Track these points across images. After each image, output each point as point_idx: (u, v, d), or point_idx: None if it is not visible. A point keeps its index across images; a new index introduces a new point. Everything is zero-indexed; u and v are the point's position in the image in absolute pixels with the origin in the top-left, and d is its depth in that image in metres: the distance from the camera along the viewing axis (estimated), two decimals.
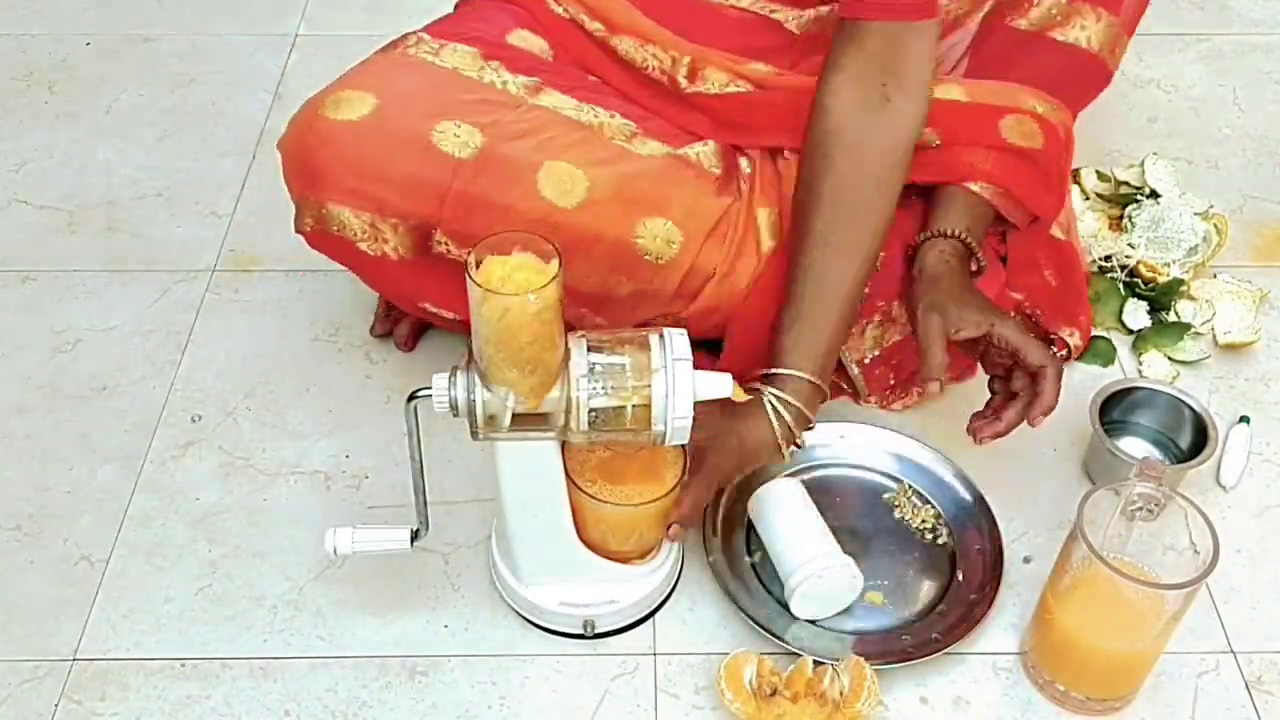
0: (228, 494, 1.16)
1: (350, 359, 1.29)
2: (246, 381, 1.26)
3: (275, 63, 1.71)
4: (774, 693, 0.96)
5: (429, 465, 1.17)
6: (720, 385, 0.90)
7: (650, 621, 1.06)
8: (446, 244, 1.06)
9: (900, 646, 1.01)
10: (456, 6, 1.27)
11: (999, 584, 1.05)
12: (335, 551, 0.97)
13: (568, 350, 0.88)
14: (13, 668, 1.03)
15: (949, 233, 1.12)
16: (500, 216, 1.05)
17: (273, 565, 1.10)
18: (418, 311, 1.19)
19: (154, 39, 1.76)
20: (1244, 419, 1.21)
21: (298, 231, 1.11)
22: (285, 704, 1.01)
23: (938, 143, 1.13)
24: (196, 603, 1.08)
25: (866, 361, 1.19)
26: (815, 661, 0.98)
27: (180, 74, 1.69)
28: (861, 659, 0.96)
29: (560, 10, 1.19)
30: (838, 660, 0.98)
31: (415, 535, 0.98)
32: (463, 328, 1.24)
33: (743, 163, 1.16)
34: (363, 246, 1.07)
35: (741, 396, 0.93)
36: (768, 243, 1.13)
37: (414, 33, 1.16)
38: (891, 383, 1.21)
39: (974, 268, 1.14)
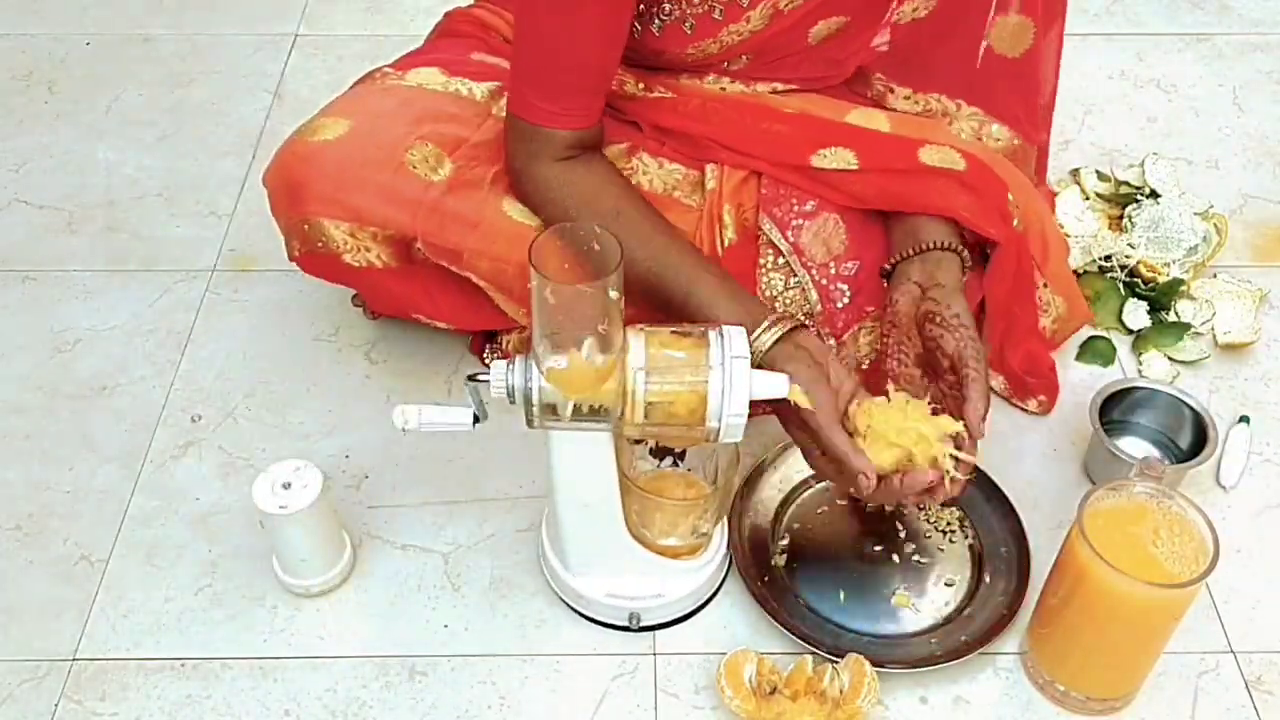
0: (228, 494, 1.16)
1: (350, 359, 1.29)
2: (246, 381, 1.26)
3: (275, 63, 1.72)
4: (774, 691, 0.96)
5: (431, 463, 1.18)
6: (777, 385, 0.90)
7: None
8: (424, 252, 1.10)
9: (930, 650, 1.01)
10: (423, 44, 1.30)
11: (1027, 585, 1.05)
12: (405, 429, 0.94)
13: (626, 343, 0.88)
14: (13, 668, 1.03)
15: (947, 245, 1.07)
16: (473, 229, 1.09)
17: (272, 565, 1.10)
18: (411, 318, 1.20)
19: (154, 39, 1.76)
20: (1244, 419, 1.21)
21: (289, 259, 1.14)
22: (285, 704, 1.01)
23: (855, 165, 1.12)
24: (196, 603, 1.08)
25: (864, 368, 1.19)
26: (815, 660, 0.98)
27: (180, 74, 1.69)
28: (861, 657, 0.97)
29: None
30: (843, 660, 0.98)
31: (476, 419, 0.94)
32: (456, 333, 1.25)
33: (708, 169, 1.17)
34: (348, 259, 1.10)
35: (800, 399, 0.93)
36: (730, 236, 1.14)
37: (379, 68, 1.21)
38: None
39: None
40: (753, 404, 0.89)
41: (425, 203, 1.08)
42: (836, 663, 0.97)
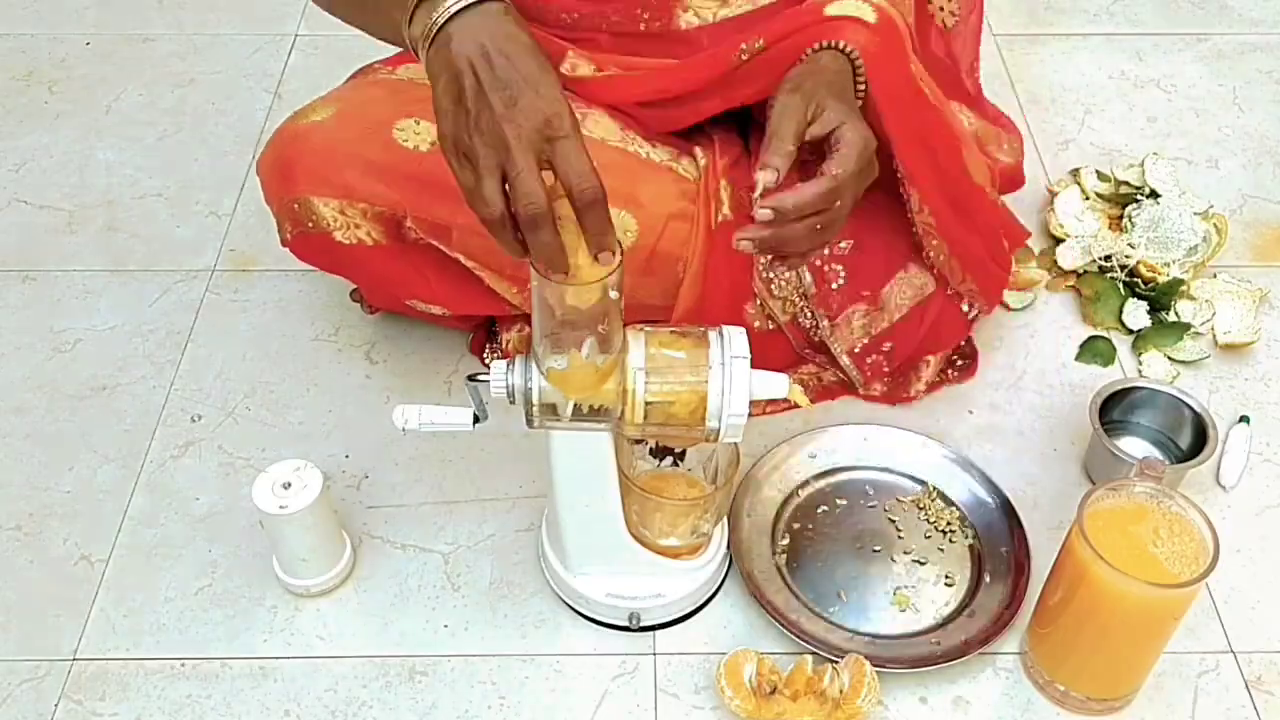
0: (228, 494, 1.16)
1: (350, 359, 1.29)
2: (246, 381, 1.26)
3: (275, 63, 1.72)
4: (774, 691, 0.96)
5: (431, 463, 1.18)
6: (777, 385, 0.90)
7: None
8: (415, 230, 1.09)
9: (930, 650, 1.01)
10: None
11: (1027, 585, 1.05)
12: (405, 429, 0.95)
13: (625, 343, 0.88)
14: (12, 668, 1.03)
15: (839, 46, 1.00)
16: (462, 203, 1.06)
17: (273, 565, 1.10)
18: (408, 310, 1.20)
19: (154, 39, 1.76)
20: (1244, 419, 1.21)
21: (282, 244, 1.14)
22: (285, 704, 1.01)
23: (761, 45, 1.06)
24: (196, 603, 1.08)
25: (856, 351, 1.19)
26: (815, 660, 0.98)
27: (180, 74, 1.69)
28: (861, 657, 0.97)
29: None
30: (841, 660, 0.98)
31: (476, 419, 0.94)
32: (455, 323, 1.25)
33: (697, 151, 1.16)
34: (339, 236, 1.09)
35: (801, 400, 0.92)
36: (725, 213, 1.14)
37: (371, 64, 1.21)
38: (886, 370, 1.21)
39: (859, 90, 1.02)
40: (753, 404, 0.89)
41: (414, 177, 1.07)
42: (836, 663, 0.97)
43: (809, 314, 1.19)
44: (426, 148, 1.08)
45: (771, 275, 1.16)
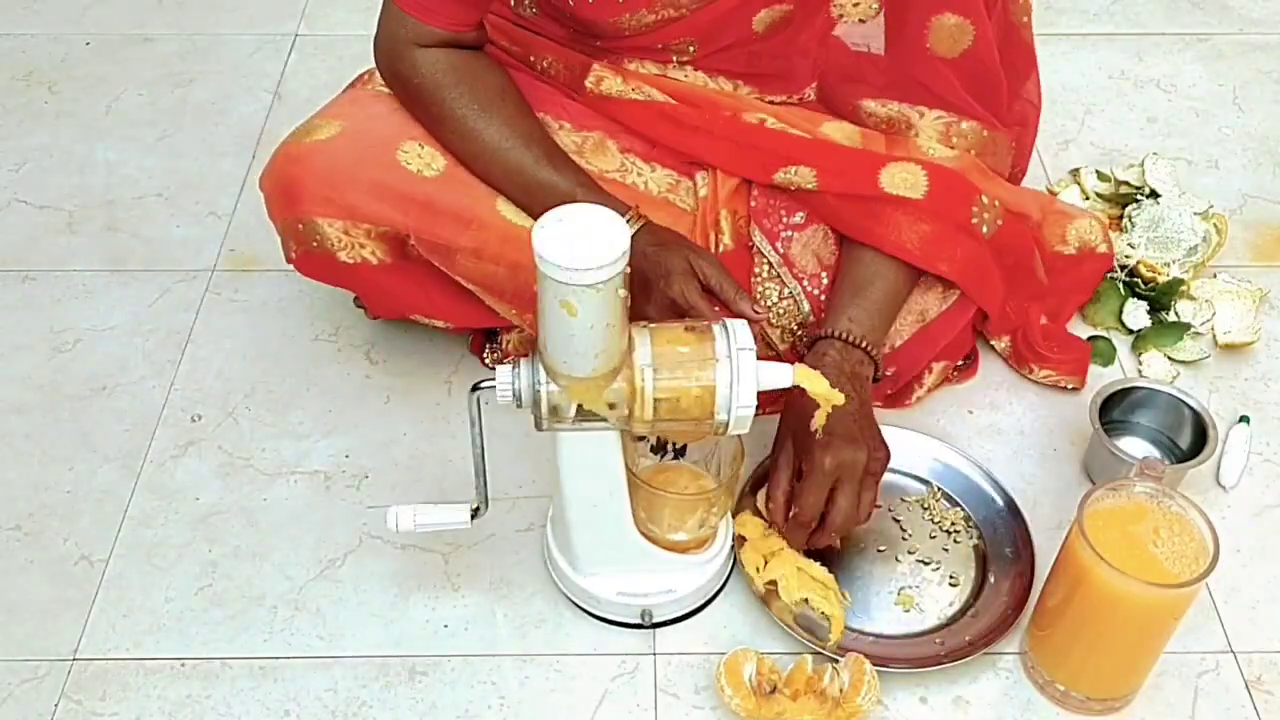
0: (228, 494, 1.16)
1: (350, 359, 1.29)
2: (246, 381, 1.26)
3: (275, 63, 1.72)
4: (774, 690, 0.96)
5: (430, 463, 1.18)
6: (782, 375, 0.90)
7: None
8: (418, 249, 1.09)
9: (934, 650, 1.01)
10: None
11: (1031, 585, 1.04)
12: (397, 528, 0.97)
13: (631, 340, 0.88)
14: (12, 668, 1.03)
15: (847, 336, 1.06)
16: (465, 227, 1.09)
17: (273, 565, 1.10)
18: (411, 320, 1.20)
19: (154, 39, 1.76)
20: (1244, 419, 1.21)
21: (287, 261, 1.14)
22: (285, 704, 1.01)
23: (814, 185, 1.12)
24: (196, 603, 1.08)
25: None
26: (815, 659, 0.98)
27: (180, 74, 1.69)
28: (861, 656, 0.97)
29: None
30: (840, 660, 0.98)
31: (475, 513, 0.98)
32: (456, 333, 1.25)
33: (699, 178, 1.17)
34: (343, 257, 1.10)
35: (814, 386, 0.93)
36: (726, 244, 1.15)
37: (371, 70, 1.19)
38: (889, 393, 1.21)
39: (874, 376, 1.08)
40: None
41: (418, 199, 1.08)
42: (837, 662, 0.97)
43: (807, 342, 1.19)
44: (431, 173, 1.09)
45: (770, 304, 1.16)
